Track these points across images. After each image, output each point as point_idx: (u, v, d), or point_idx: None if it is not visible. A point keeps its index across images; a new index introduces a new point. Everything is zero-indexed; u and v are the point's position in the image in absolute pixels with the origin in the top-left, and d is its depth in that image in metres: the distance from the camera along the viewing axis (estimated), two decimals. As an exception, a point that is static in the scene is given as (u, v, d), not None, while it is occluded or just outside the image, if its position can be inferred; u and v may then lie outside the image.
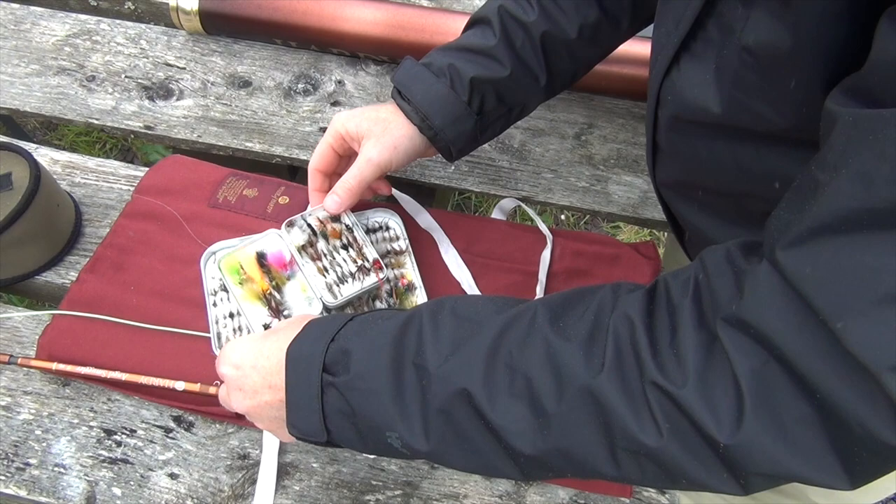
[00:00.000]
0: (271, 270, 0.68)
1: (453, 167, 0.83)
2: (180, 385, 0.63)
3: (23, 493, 0.61)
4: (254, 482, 0.62)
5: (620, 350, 0.41)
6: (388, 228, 0.75)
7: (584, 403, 0.41)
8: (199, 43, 0.93)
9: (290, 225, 0.69)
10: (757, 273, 0.38)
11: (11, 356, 0.65)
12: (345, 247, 0.68)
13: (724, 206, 0.55)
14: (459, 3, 0.98)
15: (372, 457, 0.64)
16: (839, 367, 0.34)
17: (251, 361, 0.52)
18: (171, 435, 0.65)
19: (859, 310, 0.33)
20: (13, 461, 0.63)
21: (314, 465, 0.64)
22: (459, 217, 0.78)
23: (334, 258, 0.68)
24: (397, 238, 0.75)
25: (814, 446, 0.36)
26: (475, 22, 0.68)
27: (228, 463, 0.63)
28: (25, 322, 0.71)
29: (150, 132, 0.85)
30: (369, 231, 0.75)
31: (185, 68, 0.91)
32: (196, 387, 0.63)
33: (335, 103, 0.88)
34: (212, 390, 0.63)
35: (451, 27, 0.87)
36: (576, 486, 0.62)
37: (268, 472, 0.62)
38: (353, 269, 0.67)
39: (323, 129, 0.86)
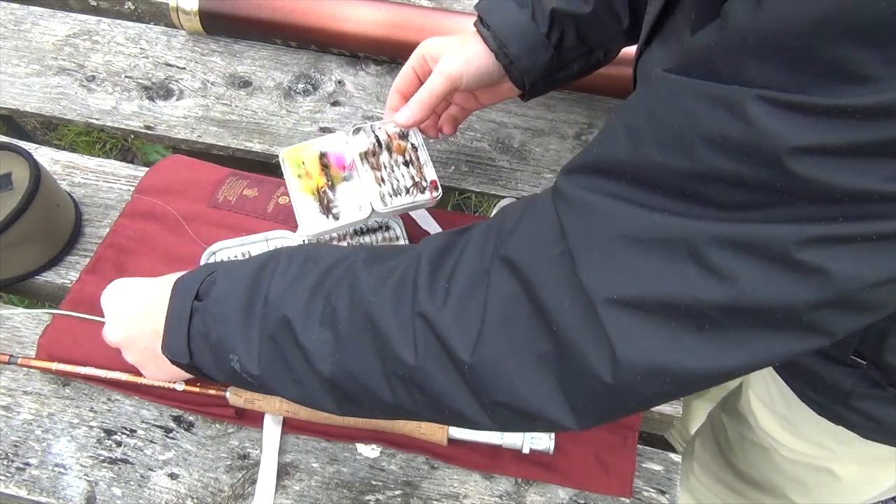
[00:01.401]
0: (330, 169, 0.67)
1: (454, 167, 0.83)
2: (180, 385, 0.63)
3: (23, 493, 0.61)
4: (254, 482, 0.62)
5: (403, 278, 0.44)
6: (388, 228, 0.75)
7: (365, 326, 0.44)
8: (199, 43, 0.93)
9: (357, 131, 0.69)
10: (536, 200, 0.42)
11: (11, 356, 0.65)
12: (406, 163, 0.68)
13: None
14: (459, 3, 0.98)
15: (372, 457, 0.64)
16: (574, 299, 0.38)
17: (135, 293, 0.57)
18: (171, 435, 0.65)
19: (595, 243, 0.37)
20: (13, 461, 0.63)
21: (314, 465, 0.64)
22: (459, 217, 0.78)
23: (393, 171, 0.67)
24: (397, 238, 0.75)
25: (544, 380, 0.40)
26: None
27: (228, 463, 0.63)
28: (25, 322, 0.71)
29: (150, 132, 0.85)
30: (369, 231, 0.75)
31: (185, 68, 0.91)
32: (196, 387, 0.63)
33: (335, 103, 0.88)
34: (212, 390, 0.63)
35: (452, 27, 0.86)
36: (576, 486, 0.63)
37: (268, 472, 0.62)
38: (409, 184, 0.67)
39: (323, 129, 0.86)
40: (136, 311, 0.56)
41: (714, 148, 0.33)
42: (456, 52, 0.65)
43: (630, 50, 0.83)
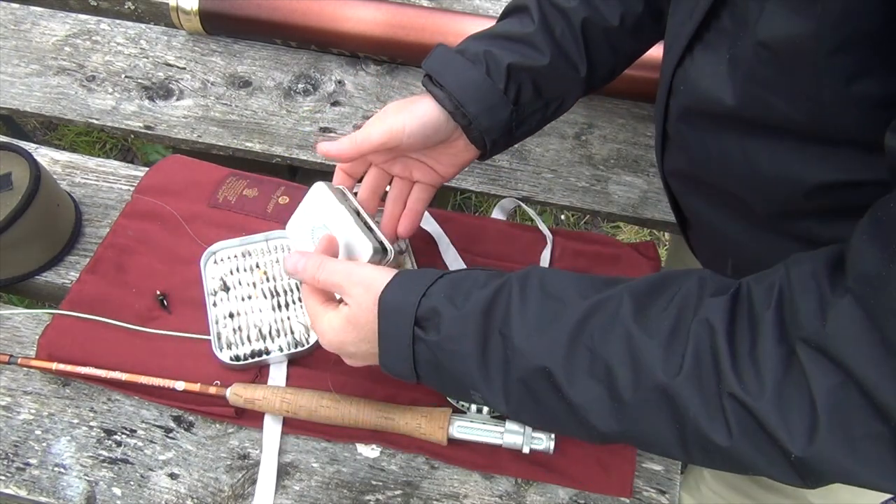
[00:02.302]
0: None
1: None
2: (180, 385, 0.63)
3: (23, 493, 0.61)
4: (254, 482, 0.62)
5: (700, 356, 0.42)
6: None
7: (659, 400, 0.43)
8: (199, 43, 0.93)
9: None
10: (842, 306, 0.39)
11: (11, 356, 0.65)
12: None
13: (730, 202, 0.55)
14: (459, 3, 0.98)
15: (372, 457, 0.64)
16: None
17: (356, 336, 0.54)
18: (171, 435, 0.65)
19: None
20: (13, 461, 0.63)
21: (314, 465, 0.64)
22: (459, 217, 0.78)
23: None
24: (397, 238, 0.75)
25: (883, 460, 0.38)
26: (511, 11, 0.66)
27: (228, 463, 0.63)
28: (25, 322, 0.71)
29: (150, 132, 0.85)
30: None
31: (185, 68, 0.91)
32: (196, 387, 0.63)
33: (335, 103, 0.88)
34: (212, 390, 0.63)
35: (451, 27, 0.86)
36: (576, 486, 0.62)
37: (268, 472, 0.62)
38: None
39: (323, 129, 0.86)
40: (358, 349, 0.55)
41: None
42: (397, 106, 0.61)
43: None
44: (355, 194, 0.64)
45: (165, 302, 0.70)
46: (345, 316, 0.54)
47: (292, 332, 0.68)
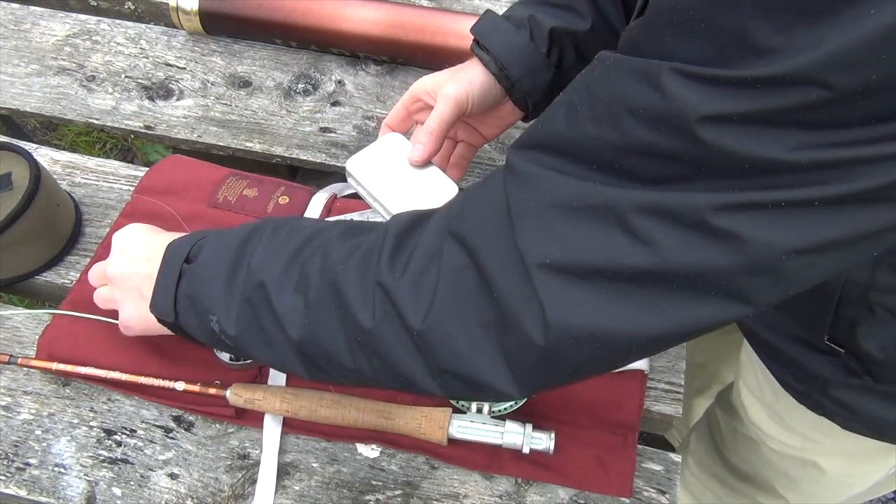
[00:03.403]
0: None
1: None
2: (180, 385, 0.63)
3: (23, 493, 0.61)
4: (254, 482, 0.62)
5: (369, 252, 0.46)
6: None
7: (331, 293, 0.47)
8: (199, 43, 0.93)
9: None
10: (488, 177, 0.44)
11: (11, 356, 0.65)
12: None
13: None
14: (459, 2, 0.98)
15: (372, 457, 0.64)
16: (512, 266, 0.40)
17: (143, 239, 0.59)
18: (171, 435, 0.65)
19: (532, 211, 0.39)
20: (13, 461, 0.63)
21: (314, 465, 0.64)
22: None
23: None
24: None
25: (488, 348, 0.42)
26: None
27: (228, 463, 0.63)
28: (25, 322, 0.71)
29: (150, 132, 0.85)
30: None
31: (185, 68, 0.91)
32: (196, 387, 0.63)
33: (335, 103, 0.88)
34: (212, 390, 0.63)
35: (452, 27, 0.86)
36: (576, 486, 0.62)
37: (268, 472, 0.62)
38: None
39: (323, 129, 0.86)
40: (137, 254, 0.58)
41: (636, 120, 0.35)
42: (456, 78, 0.65)
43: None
44: None
45: None
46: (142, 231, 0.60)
47: (292, 332, 0.68)
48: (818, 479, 0.78)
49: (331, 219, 0.75)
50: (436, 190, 0.65)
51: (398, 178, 0.66)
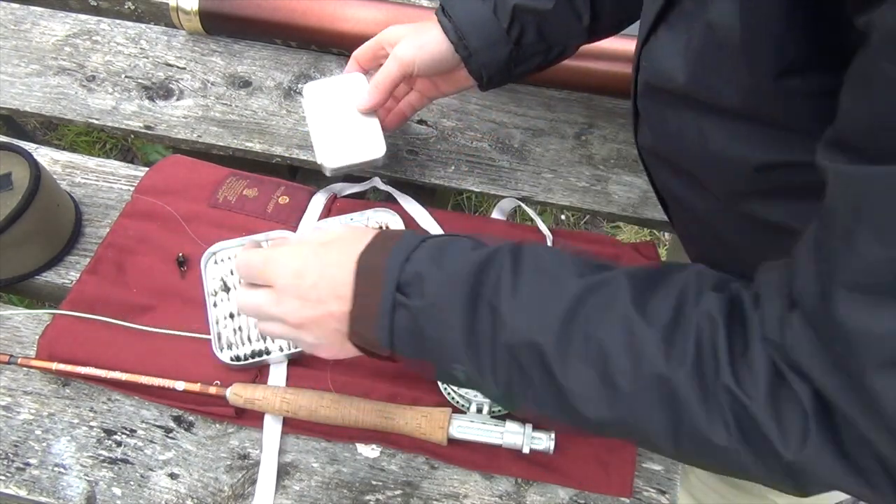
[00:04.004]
0: None
1: (454, 167, 0.83)
2: (180, 385, 0.63)
3: (23, 493, 0.61)
4: (254, 482, 0.62)
5: (701, 349, 0.41)
6: (388, 228, 0.75)
7: (658, 390, 0.41)
8: (199, 43, 0.93)
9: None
10: (794, 323, 0.39)
11: (11, 356, 0.65)
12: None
13: (691, 179, 0.56)
14: (459, 3, 0.98)
15: (372, 457, 0.64)
16: (871, 412, 0.36)
17: (318, 270, 0.50)
18: (171, 435, 0.65)
19: (877, 367, 0.34)
20: (13, 461, 0.63)
21: (314, 465, 0.64)
22: (459, 217, 0.78)
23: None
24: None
25: (869, 465, 0.37)
26: None
27: (228, 463, 0.63)
28: (25, 322, 0.71)
29: (150, 132, 0.85)
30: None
31: (185, 68, 0.91)
32: (196, 387, 0.63)
33: (335, 103, 0.88)
34: (212, 390, 0.63)
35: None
36: (576, 486, 0.62)
37: (268, 472, 0.62)
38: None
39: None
40: (322, 294, 0.50)
41: None
42: (411, 38, 0.68)
43: (630, 48, 0.83)
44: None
45: (184, 266, 0.72)
46: (315, 243, 0.52)
47: (292, 332, 0.68)
48: None
49: (331, 219, 0.75)
50: (365, 144, 0.72)
51: (339, 119, 0.72)
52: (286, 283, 0.52)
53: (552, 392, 0.44)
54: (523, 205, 0.82)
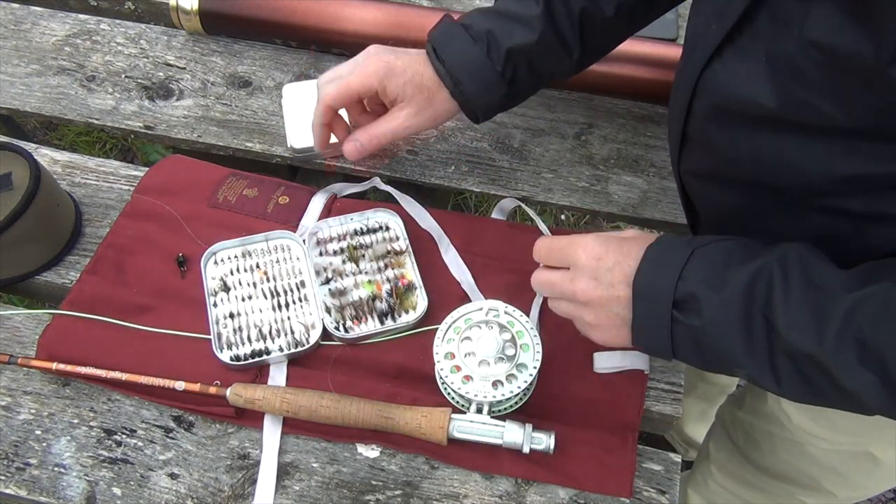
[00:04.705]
0: None
1: (454, 167, 0.83)
2: (180, 385, 0.63)
3: (23, 493, 0.61)
4: (254, 482, 0.62)
5: None
6: (388, 228, 0.75)
7: None
8: (199, 43, 0.93)
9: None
10: None
11: (11, 356, 0.65)
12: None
13: (759, 194, 0.56)
14: (460, 2, 0.98)
15: (372, 456, 0.64)
16: None
17: (616, 257, 0.56)
18: (171, 435, 0.65)
19: None
20: (13, 461, 0.63)
21: (314, 465, 0.64)
22: (459, 217, 0.78)
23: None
24: (397, 238, 0.75)
25: None
26: None
27: (228, 463, 0.63)
28: (25, 322, 0.71)
29: (150, 132, 0.85)
30: (369, 231, 0.75)
31: (185, 68, 0.91)
32: (196, 387, 0.63)
33: (335, 103, 0.88)
34: (212, 390, 0.63)
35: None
36: (576, 486, 0.62)
37: (268, 472, 0.62)
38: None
39: (323, 129, 0.86)
40: (612, 278, 0.56)
41: None
42: (422, 109, 0.67)
43: (629, 49, 0.84)
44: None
45: (184, 266, 0.71)
46: (606, 238, 0.57)
47: (292, 332, 0.68)
48: (871, 470, 0.76)
49: (331, 219, 0.75)
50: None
51: (310, 110, 0.73)
52: (586, 263, 0.57)
53: (836, 392, 0.48)
54: (523, 205, 0.82)
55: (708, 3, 0.53)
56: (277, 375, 0.66)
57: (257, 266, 0.72)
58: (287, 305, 0.70)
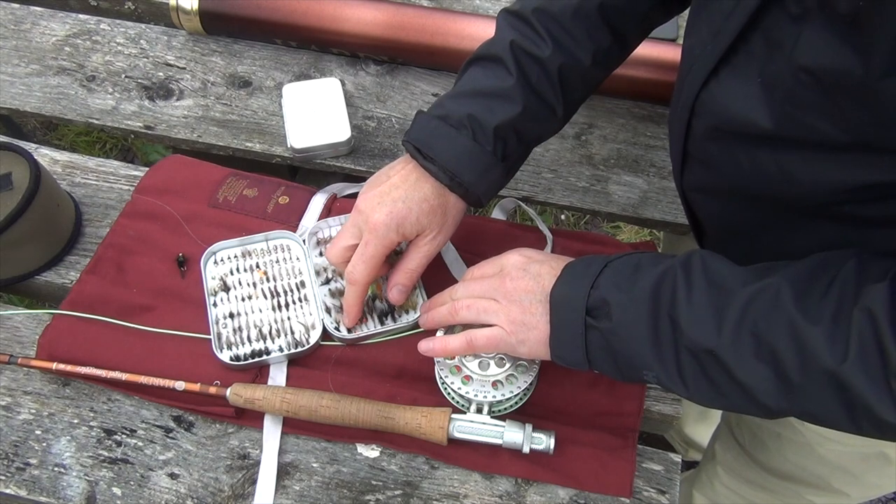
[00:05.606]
0: None
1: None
2: (180, 385, 0.63)
3: (23, 493, 0.61)
4: (254, 482, 0.62)
5: (864, 344, 0.44)
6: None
7: (828, 384, 0.45)
8: (199, 43, 0.93)
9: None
10: None
11: (11, 356, 0.65)
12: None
13: (763, 207, 0.56)
14: (459, 3, 0.98)
15: (372, 456, 0.64)
16: None
17: (539, 268, 0.59)
18: (171, 435, 0.65)
19: None
20: (13, 461, 0.63)
21: (314, 465, 0.64)
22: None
23: None
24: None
25: None
26: (481, 59, 0.65)
27: (228, 463, 0.63)
28: (25, 322, 0.71)
29: (150, 132, 0.85)
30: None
31: (185, 68, 0.91)
32: (196, 387, 0.63)
33: (335, 103, 0.88)
34: (212, 390, 0.63)
35: (451, 27, 0.86)
36: (576, 486, 0.62)
37: (268, 472, 0.62)
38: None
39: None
40: (534, 279, 0.59)
41: None
42: (442, 228, 0.64)
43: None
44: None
45: (184, 266, 0.72)
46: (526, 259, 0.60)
47: (292, 332, 0.68)
48: (884, 469, 0.76)
49: (331, 219, 0.75)
50: (331, 129, 0.82)
51: (310, 110, 0.83)
52: (515, 261, 0.61)
53: (735, 388, 0.49)
54: (523, 205, 0.82)
55: (704, 23, 0.52)
56: (277, 375, 0.66)
57: (257, 266, 0.72)
58: (287, 305, 0.70)
